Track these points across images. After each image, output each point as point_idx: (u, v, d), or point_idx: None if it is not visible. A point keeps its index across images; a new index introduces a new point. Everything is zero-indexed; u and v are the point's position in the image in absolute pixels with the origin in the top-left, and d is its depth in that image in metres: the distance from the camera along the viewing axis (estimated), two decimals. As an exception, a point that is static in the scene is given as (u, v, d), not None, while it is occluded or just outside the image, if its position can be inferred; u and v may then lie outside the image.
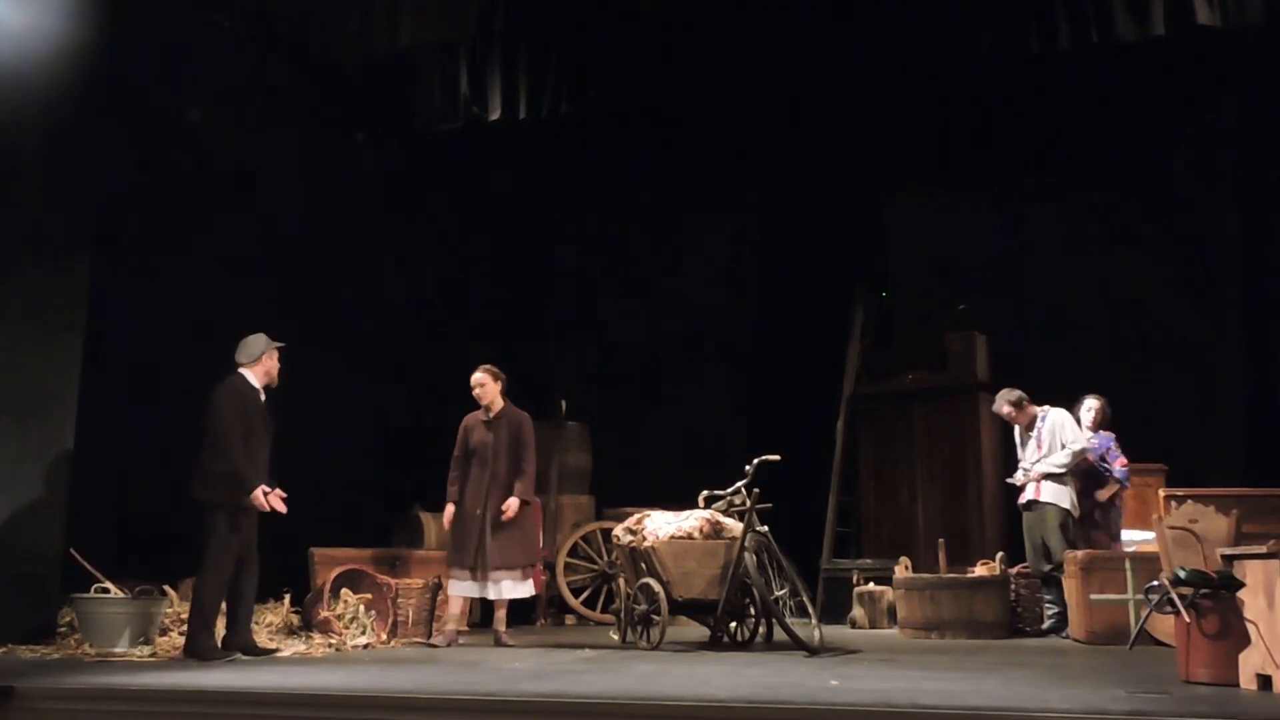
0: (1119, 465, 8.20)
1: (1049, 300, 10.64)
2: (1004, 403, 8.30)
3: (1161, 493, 7.67)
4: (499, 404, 7.57)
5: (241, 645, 6.32)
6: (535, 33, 8.53)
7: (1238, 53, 8.72)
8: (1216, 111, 9.95)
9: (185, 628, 6.41)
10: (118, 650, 6.41)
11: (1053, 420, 8.13)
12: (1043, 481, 8.02)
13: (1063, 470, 7.98)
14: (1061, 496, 8.00)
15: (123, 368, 7.84)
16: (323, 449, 9.21)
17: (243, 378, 6.50)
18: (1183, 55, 8.46)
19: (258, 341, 6.57)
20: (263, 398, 6.55)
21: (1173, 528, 5.90)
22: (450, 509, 7.47)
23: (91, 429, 7.27)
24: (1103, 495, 8.16)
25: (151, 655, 6.32)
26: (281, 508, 6.42)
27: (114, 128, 7.55)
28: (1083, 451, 8.03)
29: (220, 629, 6.42)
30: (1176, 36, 7.46)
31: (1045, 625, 7.97)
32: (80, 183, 7.35)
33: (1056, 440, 8.06)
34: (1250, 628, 4.72)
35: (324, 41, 8.52)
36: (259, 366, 6.53)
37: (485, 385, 7.53)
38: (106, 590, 6.65)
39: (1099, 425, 8.31)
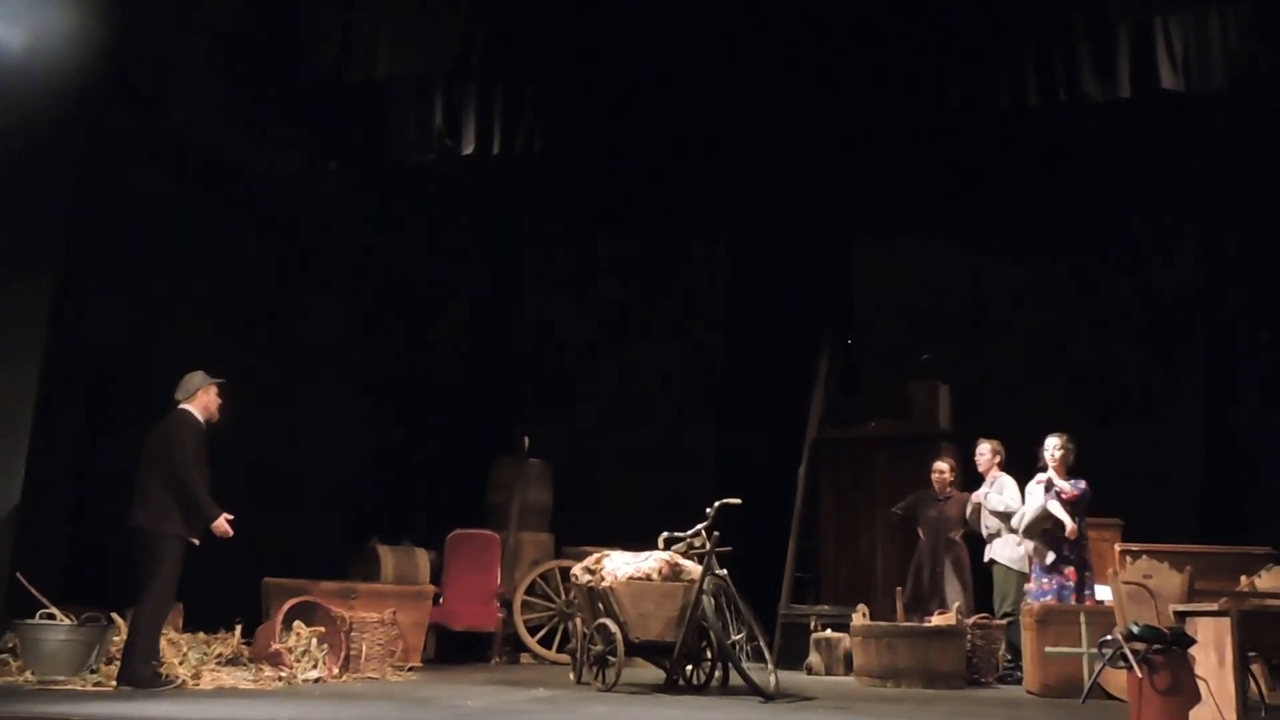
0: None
1: (1011, 352, 10.72)
2: (989, 447, 8.46)
3: (1117, 547, 7.72)
4: None
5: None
6: (510, 70, 8.59)
7: (1201, 114, 8.89)
8: (1180, 170, 10.11)
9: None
10: (60, 679, 6.28)
11: (996, 485, 8.33)
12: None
13: (1007, 531, 8.19)
14: (999, 552, 8.25)
15: (81, 392, 7.74)
16: (280, 480, 9.11)
17: (188, 412, 6.49)
18: (1149, 115, 8.64)
19: (194, 378, 6.61)
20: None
21: (1127, 583, 5.94)
22: None
23: (46, 453, 7.17)
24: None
25: (96, 685, 6.20)
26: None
27: (85, 152, 7.51)
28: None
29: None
30: (1141, 98, 7.63)
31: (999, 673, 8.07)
32: (47, 205, 7.29)
33: (995, 505, 8.29)
34: (1201, 684, 4.75)
35: (302, 68, 8.53)
36: (197, 402, 6.56)
37: None
38: (52, 616, 6.52)
39: (1065, 467, 7.71)
